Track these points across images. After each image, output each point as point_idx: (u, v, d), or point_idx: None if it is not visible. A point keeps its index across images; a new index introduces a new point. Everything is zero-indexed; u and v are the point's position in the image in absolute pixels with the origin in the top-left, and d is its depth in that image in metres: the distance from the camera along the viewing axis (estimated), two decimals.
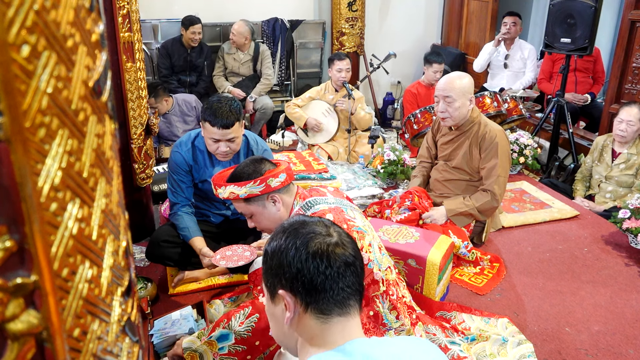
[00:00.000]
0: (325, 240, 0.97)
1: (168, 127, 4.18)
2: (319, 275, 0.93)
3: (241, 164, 1.76)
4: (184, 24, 4.52)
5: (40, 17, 0.40)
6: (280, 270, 0.96)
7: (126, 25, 2.39)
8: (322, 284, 0.93)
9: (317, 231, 0.98)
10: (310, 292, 0.93)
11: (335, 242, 0.97)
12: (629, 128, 3.13)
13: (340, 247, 0.97)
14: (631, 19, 3.61)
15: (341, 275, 0.94)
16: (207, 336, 1.65)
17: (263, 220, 1.75)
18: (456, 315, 2.12)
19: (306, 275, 0.93)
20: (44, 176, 0.41)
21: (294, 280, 0.94)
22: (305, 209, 1.71)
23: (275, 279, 0.97)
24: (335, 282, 0.93)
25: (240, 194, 1.67)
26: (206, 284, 2.39)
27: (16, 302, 0.40)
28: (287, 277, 0.94)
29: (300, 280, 0.93)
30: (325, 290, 0.93)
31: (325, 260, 0.94)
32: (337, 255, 0.95)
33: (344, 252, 0.97)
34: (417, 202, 2.68)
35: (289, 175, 1.73)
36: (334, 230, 1.01)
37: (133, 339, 0.62)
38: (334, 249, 0.96)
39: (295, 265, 0.94)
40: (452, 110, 2.59)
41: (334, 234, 1.00)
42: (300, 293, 0.93)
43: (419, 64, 5.74)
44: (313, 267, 0.93)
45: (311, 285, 0.93)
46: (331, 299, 0.93)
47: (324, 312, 0.93)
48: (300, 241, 0.96)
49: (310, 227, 1.00)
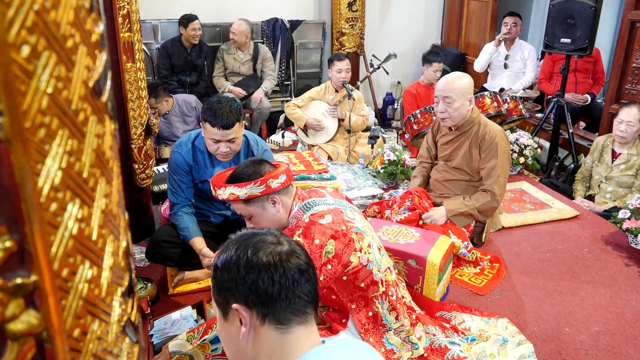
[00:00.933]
0: (277, 248, 0.95)
1: (168, 127, 4.18)
2: (274, 285, 0.90)
3: (240, 165, 1.76)
4: (182, 23, 4.52)
5: (40, 18, 0.40)
6: (232, 283, 0.92)
7: (126, 26, 2.39)
8: (277, 293, 0.90)
9: (267, 240, 0.96)
10: (266, 303, 0.90)
11: (287, 251, 0.95)
12: (628, 129, 3.13)
13: (292, 255, 0.95)
14: (631, 19, 3.61)
15: (296, 283, 0.92)
16: (199, 339, 1.63)
17: (262, 222, 1.75)
18: (456, 315, 2.12)
19: (261, 286, 0.90)
20: (44, 176, 0.41)
21: (248, 293, 0.90)
22: (304, 210, 1.71)
23: (228, 293, 0.93)
24: (291, 290, 0.91)
25: (240, 195, 1.67)
26: (206, 284, 2.39)
27: (16, 303, 0.40)
28: (240, 289, 0.91)
29: (255, 291, 0.90)
30: (282, 299, 0.90)
31: (279, 269, 0.91)
32: (291, 263, 0.93)
33: (297, 259, 0.95)
34: (417, 203, 2.68)
35: (289, 176, 1.73)
36: (284, 239, 0.99)
37: (133, 339, 0.62)
38: (286, 257, 0.94)
39: (248, 276, 0.91)
40: (452, 111, 2.59)
41: (284, 242, 0.98)
42: (256, 305, 0.90)
43: (419, 64, 5.72)
44: (267, 277, 0.90)
45: (266, 295, 0.90)
46: (288, 308, 0.91)
47: (282, 322, 0.91)
48: (251, 251, 0.93)
49: (259, 236, 0.98)
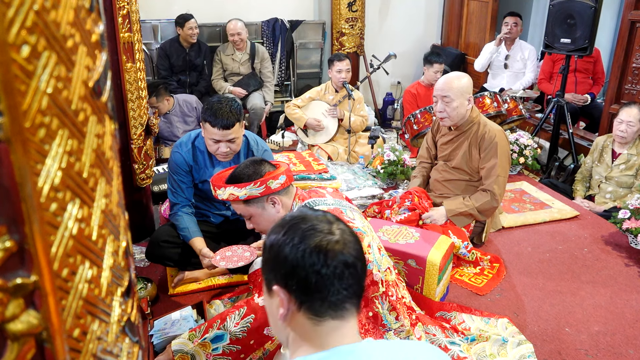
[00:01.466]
0: (326, 238, 0.91)
1: (168, 127, 4.18)
2: (314, 275, 0.88)
3: (240, 165, 1.76)
4: (178, 23, 4.52)
5: (40, 18, 0.40)
6: (276, 265, 0.92)
7: (126, 26, 2.39)
8: (316, 283, 0.88)
9: (318, 228, 0.93)
10: (304, 292, 0.89)
11: (336, 241, 0.91)
12: (628, 129, 3.13)
13: (340, 246, 0.91)
14: (631, 19, 3.61)
15: (338, 276, 0.89)
16: (200, 338, 1.63)
17: (262, 222, 1.75)
18: (456, 315, 2.12)
19: (301, 273, 0.88)
20: (44, 176, 0.41)
21: (288, 278, 0.89)
22: None
23: (271, 274, 0.93)
24: (331, 282, 0.88)
25: (240, 195, 1.67)
26: (206, 285, 2.39)
27: (16, 303, 0.40)
28: (282, 273, 0.90)
29: (295, 278, 0.89)
30: (320, 290, 0.88)
31: (322, 258, 0.89)
32: (336, 254, 0.90)
33: (344, 251, 0.91)
34: (417, 203, 2.68)
35: (289, 177, 1.73)
36: (337, 227, 0.95)
37: (133, 339, 0.62)
38: (333, 247, 0.90)
39: (290, 261, 0.89)
40: (450, 110, 2.60)
41: (336, 231, 0.93)
42: (294, 291, 0.89)
43: (419, 65, 5.74)
44: (309, 265, 0.88)
45: (305, 284, 0.88)
46: (325, 300, 0.89)
47: (317, 314, 0.89)
48: (298, 237, 0.91)
49: (311, 222, 0.94)
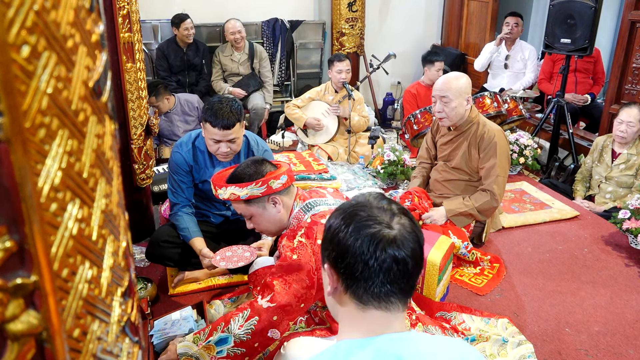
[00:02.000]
0: (382, 231, 0.90)
1: (169, 126, 4.17)
2: (361, 264, 0.89)
3: (241, 164, 1.75)
4: (174, 24, 4.51)
5: (40, 18, 0.40)
6: (329, 246, 0.95)
7: (126, 26, 2.39)
8: (362, 273, 0.89)
9: (377, 219, 0.92)
10: (350, 277, 0.91)
11: (392, 236, 0.90)
12: (629, 129, 3.13)
13: (394, 241, 0.90)
14: (631, 19, 3.61)
15: (385, 271, 0.89)
16: (204, 341, 1.62)
17: (262, 222, 1.74)
18: (456, 315, 2.12)
19: (350, 259, 0.90)
20: (44, 176, 0.41)
21: (337, 260, 0.92)
22: (306, 211, 1.71)
23: (325, 251, 0.97)
24: (376, 275, 0.89)
25: (241, 195, 1.66)
26: (206, 285, 2.39)
27: (16, 303, 0.40)
28: (333, 255, 0.93)
29: (344, 262, 0.91)
30: (365, 279, 0.90)
31: (372, 250, 0.89)
32: (387, 248, 0.89)
33: (396, 247, 0.89)
34: (417, 203, 2.68)
35: (290, 177, 1.73)
36: (399, 222, 0.93)
37: (133, 339, 0.62)
38: (386, 241, 0.89)
39: (342, 246, 0.91)
40: (449, 110, 2.60)
41: (395, 226, 0.92)
42: (342, 274, 0.92)
43: (419, 65, 5.72)
44: (358, 254, 0.89)
45: (352, 271, 0.90)
46: (369, 290, 0.90)
47: (361, 301, 0.91)
48: (354, 225, 0.91)
49: (372, 212, 0.93)
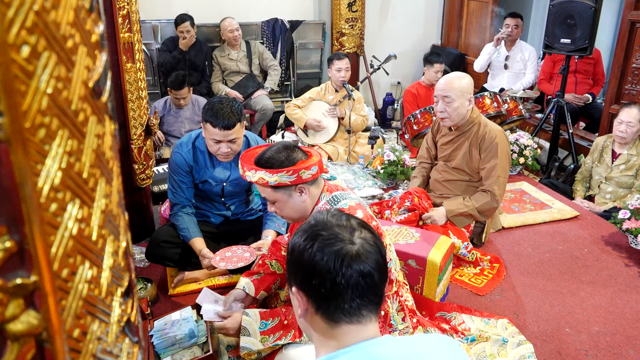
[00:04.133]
0: (345, 248, 0.91)
1: (175, 119, 4.13)
2: (329, 282, 0.89)
3: (272, 148, 1.70)
4: (176, 23, 4.55)
5: (40, 18, 0.40)
6: (294, 268, 0.95)
7: (126, 26, 2.39)
8: (331, 291, 0.90)
9: (339, 237, 0.93)
10: (319, 297, 0.91)
11: (355, 251, 0.92)
12: (628, 129, 3.13)
13: (358, 256, 0.91)
14: (631, 20, 3.61)
15: (352, 286, 0.90)
16: (272, 342, 1.68)
17: (286, 209, 1.72)
18: (456, 316, 2.12)
19: (316, 280, 0.90)
20: (44, 177, 0.41)
21: (305, 282, 0.93)
22: (332, 203, 1.70)
23: (292, 275, 0.97)
24: (345, 291, 0.90)
25: (270, 181, 1.63)
26: (206, 285, 2.39)
27: (16, 303, 0.40)
28: (298, 279, 0.94)
29: (311, 283, 0.91)
30: (334, 298, 0.90)
31: (337, 267, 0.90)
32: (352, 264, 0.90)
33: (361, 261, 0.91)
34: (417, 203, 2.68)
35: (320, 168, 1.70)
36: (360, 236, 0.95)
37: (133, 339, 0.62)
38: (350, 256, 0.91)
39: (307, 267, 0.92)
40: (451, 111, 2.60)
41: (356, 241, 0.93)
42: (311, 296, 0.92)
43: (419, 65, 5.73)
44: (324, 272, 0.90)
45: (319, 290, 0.90)
46: (340, 307, 0.90)
47: (333, 319, 0.91)
48: (317, 245, 0.92)
49: (333, 230, 0.95)
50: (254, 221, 2.56)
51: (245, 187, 2.50)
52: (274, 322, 1.72)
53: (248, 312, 1.75)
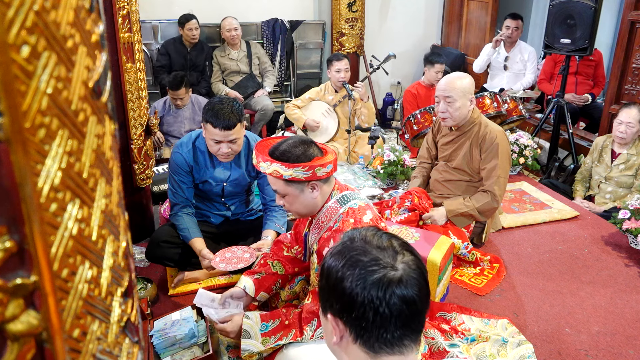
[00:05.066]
0: (388, 275, 0.86)
1: (175, 119, 4.14)
2: (372, 313, 0.85)
3: (288, 141, 1.67)
4: (180, 23, 4.58)
5: (40, 18, 0.40)
6: (332, 295, 0.89)
7: (126, 26, 2.39)
8: (373, 322, 0.85)
9: (380, 263, 0.88)
10: (359, 327, 0.86)
11: (398, 278, 0.87)
12: (628, 129, 3.13)
13: (402, 282, 0.87)
14: (631, 20, 3.61)
15: (396, 315, 0.85)
16: (272, 343, 1.68)
17: (295, 203, 1.70)
18: (456, 316, 2.12)
19: (358, 309, 0.85)
20: (44, 177, 0.41)
21: (344, 311, 0.87)
22: (342, 202, 1.70)
23: (327, 302, 0.91)
24: (388, 321, 0.85)
25: (284, 175, 1.60)
26: (206, 285, 2.39)
27: (16, 303, 0.40)
28: (337, 306, 0.88)
29: (352, 313, 0.86)
30: (377, 327, 0.86)
31: (381, 296, 0.85)
32: (395, 291, 0.86)
33: (405, 288, 0.86)
34: (417, 203, 2.68)
35: (335, 166, 1.70)
36: (402, 260, 0.90)
37: (133, 339, 0.62)
38: (394, 287, 0.86)
39: (348, 296, 0.86)
40: (453, 111, 2.59)
41: (399, 266, 0.88)
42: (350, 325, 0.88)
43: (419, 65, 5.74)
44: (367, 302, 0.85)
45: (361, 321, 0.86)
46: (381, 337, 0.86)
47: (372, 349, 0.87)
48: (358, 273, 0.87)
49: (373, 254, 0.89)
50: (254, 221, 2.56)
51: (246, 187, 2.50)
52: (275, 324, 1.72)
53: (248, 315, 1.75)
